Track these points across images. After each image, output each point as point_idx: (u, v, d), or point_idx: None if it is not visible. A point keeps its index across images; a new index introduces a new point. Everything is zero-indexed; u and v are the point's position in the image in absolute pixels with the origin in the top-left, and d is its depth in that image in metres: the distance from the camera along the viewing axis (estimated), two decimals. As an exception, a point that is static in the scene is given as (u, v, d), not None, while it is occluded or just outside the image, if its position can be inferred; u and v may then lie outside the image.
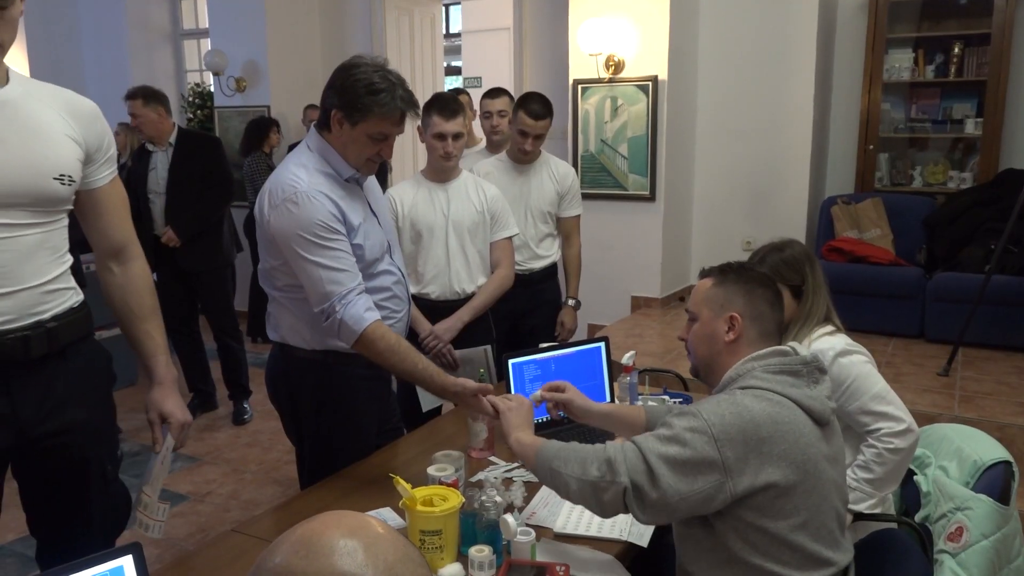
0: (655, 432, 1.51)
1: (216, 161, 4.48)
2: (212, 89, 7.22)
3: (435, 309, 2.89)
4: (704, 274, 1.73)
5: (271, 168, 5.94)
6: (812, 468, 1.46)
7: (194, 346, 4.73)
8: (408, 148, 6.69)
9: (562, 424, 2.33)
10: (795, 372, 1.55)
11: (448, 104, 2.78)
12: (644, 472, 1.45)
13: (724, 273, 1.67)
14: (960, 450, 2.14)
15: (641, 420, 1.91)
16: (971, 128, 5.16)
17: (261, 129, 6.05)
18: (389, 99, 1.96)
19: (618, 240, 5.45)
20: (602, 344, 2.48)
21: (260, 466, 4.04)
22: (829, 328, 2.18)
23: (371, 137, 2.01)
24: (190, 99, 7.80)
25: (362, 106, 1.96)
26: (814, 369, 1.57)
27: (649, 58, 5.16)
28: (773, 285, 1.67)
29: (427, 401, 2.79)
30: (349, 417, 2.19)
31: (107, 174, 1.75)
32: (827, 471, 1.50)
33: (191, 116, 7.71)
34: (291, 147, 6.34)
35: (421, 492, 1.66)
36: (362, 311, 1.98)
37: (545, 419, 2.33)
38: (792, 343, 1.65)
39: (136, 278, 1.84)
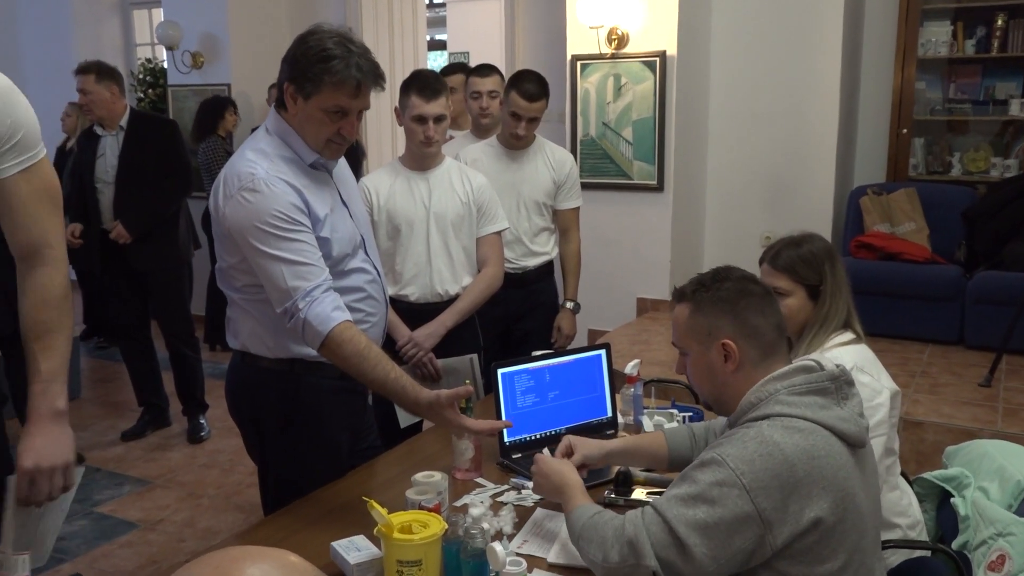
0: (676, 491, 1.47)
1: (172, 147, 4.48)
2: (165, 65, 7.21)
3: (415, 313, 2.89)
4: (678, 297, 1.68)
5: (229, 154, 5.93)
6: (851, 504, 1.46)
7: (145, 355, 4.72)
8: (387, 132, 6.69)
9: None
10: (823, 390, 1.53)
11: (429, 83, 2.79)
12: (673, 546, 1.43)
13: (697, 295, 1.63)
14: (1003, 469, 2.16)
15: (663, 449, 1.97)
16: (1016, 109, 5.20)
17: (215, 110, 6.04)
18: (342, 66, 1.96)
19: (622, 235, 5.46)
20: (603, 352, 2.48)
21: (219, 490, 4.04)
22: (847, 336, 2.19)
23: (327, 112, 2.00)
24: (140, 76, 7.78)
25: (313, 75, 1.97)
26: (843, 384, 1.56)
27: (656, 31, 5.17)
28: (756, 286, 1.63)
29: (406, 416, 2.79)
30: (319, 434, 2.18)
31: (14, 163, 1.63)
32: (863, 503, 1.50)
33: (141, 95, 7.70)
34: (254, 130, 6.33)
35: (399, 518, 1.66)
36: (329, 310, 1.98)
37: (549, 433, 2.35)
38: (815, 356, 1.63)
39: (39, 288, 1.67)
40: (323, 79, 1.96)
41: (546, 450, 1.96)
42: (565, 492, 1.73)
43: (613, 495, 2.03)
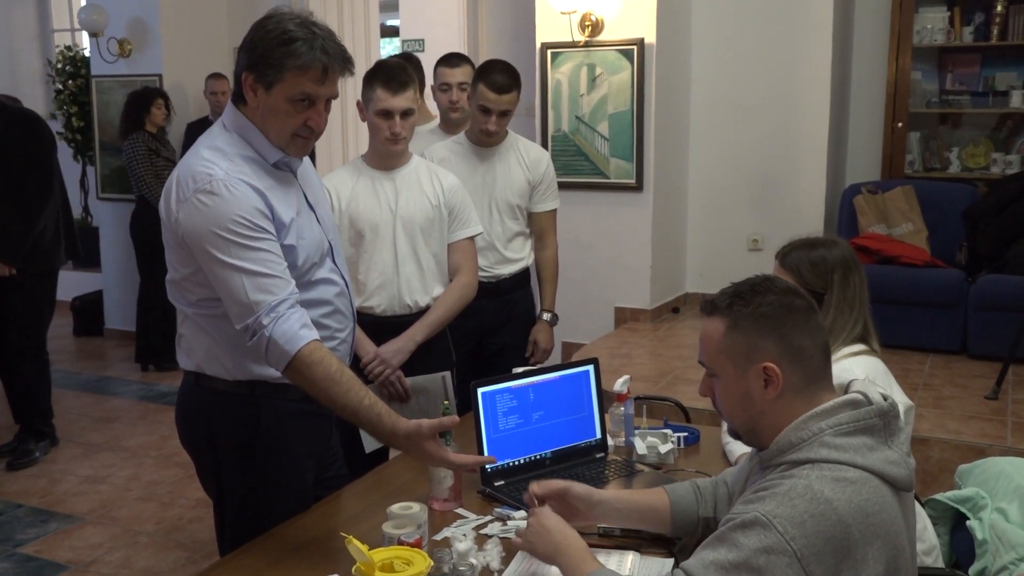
0: (713, 555, 1.42)
1: (28, 146, 4.45)
2: (87, 53, 7.11)
3: (381, 327, 2.88)
4: (709, 310, 1.61)
5: (152, 152, 5.92)
6: (901, 562, 1.44)
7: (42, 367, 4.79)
8: (336, 128, 6.65)
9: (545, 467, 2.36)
10: (871, 428, 1.49)
11: (395, 74, 2.79)
12: None
13: (735, 309, 1.56)
14: (1021, 488, 2.21)
15: (665, 509, 1.86)
16: (1017, 101, 5.34)
17: (139, 103, 6.01)
18: (306, 49, 1.96)
19: (598, 239, 5.50)
20: (591, 367, 2.49)
21: (158, 526, 3.99)
22: (858, 347, 2.22)
23: (292, 101, 2.00)
24: (59, 66, 7.67)
25: (274, 61, 1.96)
26: (891, 419, 1.51)
27: (633, 17, 5.23)
28: (801, 300, 1.57)
29: (371, 441, 2.78)
30: (282, 462, 2.17)
31: None
32: (909, 555, 1.49)
33: (60, 87, 7.59)
34: (190, 126, 6.28)
35: (379, 555, 1.66)
36: (296, 327, 1.97)
37: (534, 457, 2.35)
38: (860, 386, 1.57)
39: None
40: (286, 64, 1.96)
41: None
42: (570, 554, 1.65)
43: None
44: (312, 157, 5.92)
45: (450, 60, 3.72)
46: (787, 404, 1.53)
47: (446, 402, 2.63)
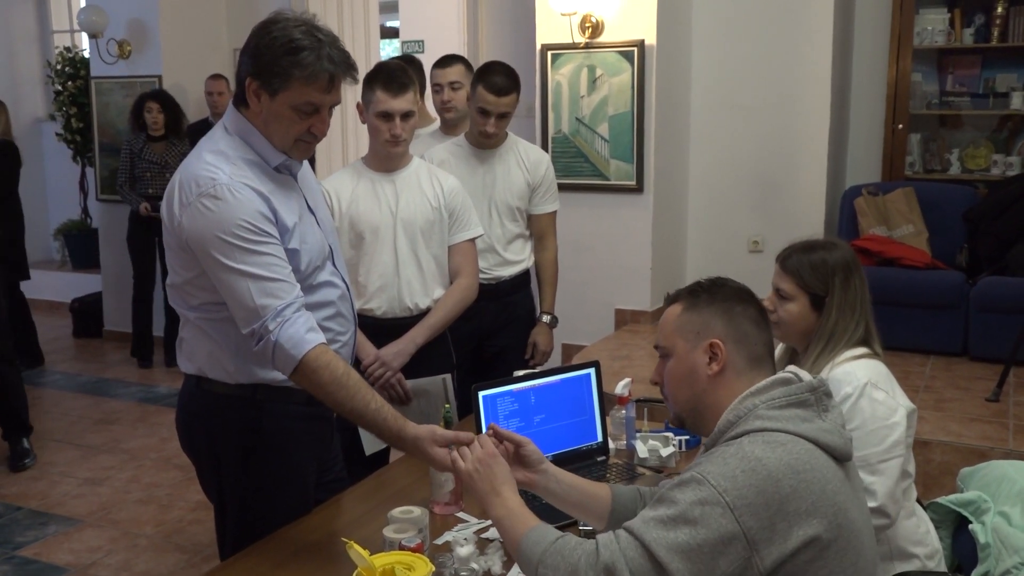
0: (653, 512, 1.48)
1: None
2: (87, 55, 7.11)
3: (381, 329, 2.88)
4: (671, 299, 1.74)
5: (136, 155, 6.00)
6: (844, 520, 1.48)
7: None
8: (336, 131, 6.66)
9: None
10: (803, 402, 1.57)
11: (395, 76, 2.79)
12: (652, 571, 1.43)
13: (694, 294, 1.70)
14: (1024, 492, 2.20)
15: (606, 501, 1.84)
16: (1018, 103, 5.33)
17: (134, 107, 6.11)
18: (313, 59, 1.96)
19: (598, 241, 5.49)
20: (592, 370, 2.50)
21: (158, 528, 3.99)
22: (860, 350, 2.22)
23: (296, 109, 2.00)
24: (58, 67, 7.67)
25: (280, 70, 1.96)
26: (822, 395, 1.60)
27: (634, 19, 5.22)
28: (754, 300, 1.70)
29: (372, 442, 2.78)
30: (284, 467, 2.16)
31: None
32: (857, 520, 1.53)
33: (60, 88, 7.58)
34: (191, 128, 6.27)
35: (380, 560, 1.66)
36: (303, 331, 1.97)
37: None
38: (792, 367, 1.68)
39: None
40: (292, 73, 1.95)
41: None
42: (511, 501, 1.65)
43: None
44: (312, 160, 5.94)
45: (442, 61, 3.76)
46: (728, 383, 1.63)
47: (447, 404, 2.63)
